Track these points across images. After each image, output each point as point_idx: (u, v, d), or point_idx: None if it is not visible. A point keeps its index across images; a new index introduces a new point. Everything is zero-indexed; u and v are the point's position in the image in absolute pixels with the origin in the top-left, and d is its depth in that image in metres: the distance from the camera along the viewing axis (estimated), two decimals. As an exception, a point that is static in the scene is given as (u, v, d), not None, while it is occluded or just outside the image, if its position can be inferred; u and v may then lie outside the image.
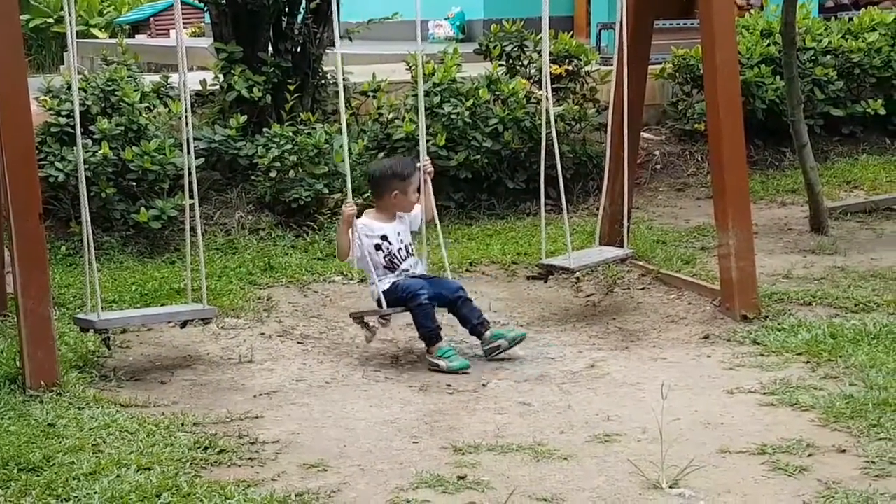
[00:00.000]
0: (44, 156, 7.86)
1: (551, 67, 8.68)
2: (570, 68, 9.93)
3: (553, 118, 6.79)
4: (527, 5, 10.62)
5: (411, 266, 6.35)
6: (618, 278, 7.49)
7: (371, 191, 6.75)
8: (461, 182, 9.12)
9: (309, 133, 8.52)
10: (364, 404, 5.53)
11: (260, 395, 5.69)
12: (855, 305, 6.76)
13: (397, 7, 9.82)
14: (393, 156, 8.46)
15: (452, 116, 8.97)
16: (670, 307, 7.02)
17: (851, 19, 11.63)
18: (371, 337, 6.24)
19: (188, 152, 6.14)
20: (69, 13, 5.67)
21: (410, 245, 6.42)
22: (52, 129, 8.08)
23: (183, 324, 6.22)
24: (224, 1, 9.12)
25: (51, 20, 21.61)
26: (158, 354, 6.32)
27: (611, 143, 7.36)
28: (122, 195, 8.10)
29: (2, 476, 4.55)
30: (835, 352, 5.93)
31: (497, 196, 9.30)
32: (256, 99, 8.92)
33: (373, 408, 5.48)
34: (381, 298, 6.15)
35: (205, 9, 11.37)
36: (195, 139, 7.88)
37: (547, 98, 6.79)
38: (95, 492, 4.39)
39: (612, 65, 7.25)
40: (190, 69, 7.19)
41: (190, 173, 6.12)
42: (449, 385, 5.81)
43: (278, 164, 8.44)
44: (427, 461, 4.75)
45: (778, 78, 10.14)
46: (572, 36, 10.49)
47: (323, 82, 9.35)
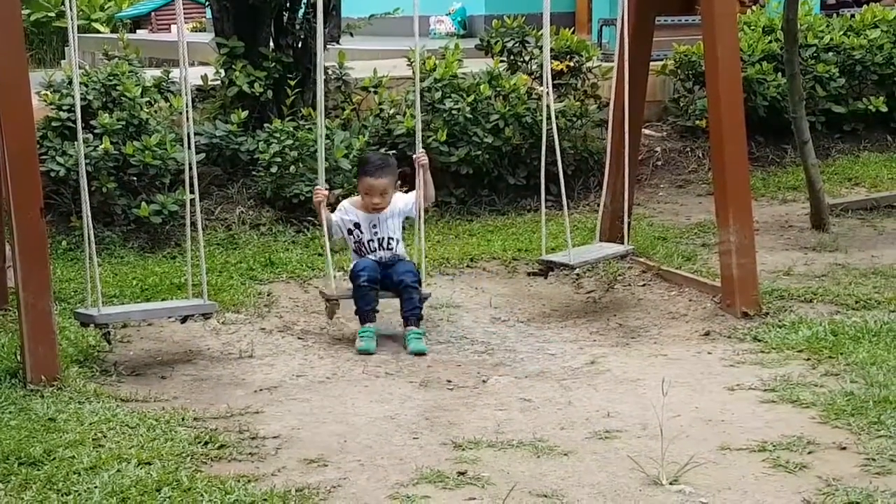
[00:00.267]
0: (45, 150, 7.87)
1: (552, 63, 8.68)
2: (572, 64, 9.94)
3: (554, 114, 6.79)
4: (528, 1, 10.60)
5: (382, 258, 6.50)
6: (618, 275, 7.49)
7: None
8: (462, 178, 9.12)
9: (310, 128, 8.51)
10: (364, 400, 5.53)
11: (260, 391, 5.69)
12: (856, 302, 6.75)
13: (398, 2, 9.82)
14: (393, 151, 8.47)
15: (453, 112, 8.97)
16: (671, 304, 7.02)
17: (853, 16, 11.62)
18: (332, 314, 6.49)
19: (189, 147, 6.13)
20: (70, 8, 5.66)
21: (390, 240, 6.54)
22: (54, 124, 8.08)
23: (183, 319, 6.22)
24: (225, -4, 9.13)
25: (52, 14, 21.61)
26: (159, 349, 6.32)
27: (612, 140, 7.36)
28: (123, 190, 8.10)
29: (2, 470, 4.55)
30: (835, 349, 5.93)
31: (498, 192, 9.30)
32: (257, 94, 8.92)
33: (373, 403, 5.48)
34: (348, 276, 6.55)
35: (206, 4, 11.39)
36: (196, 134, 7.88)
37: (548, 94, 6.78)
38: (96, 486, 4.39)
39: (614, 61, 7.25)
40: (191, 64, 7.18)
41: (191, 168, 6.11)
42: (449, 381, 5.81)
43: (279, 160, 8.44)
44: (427, 457, 4.75)
45: (779, 75, 10.14)
46: (574, 32, 10.50)
47: (324, 78, 9.33)
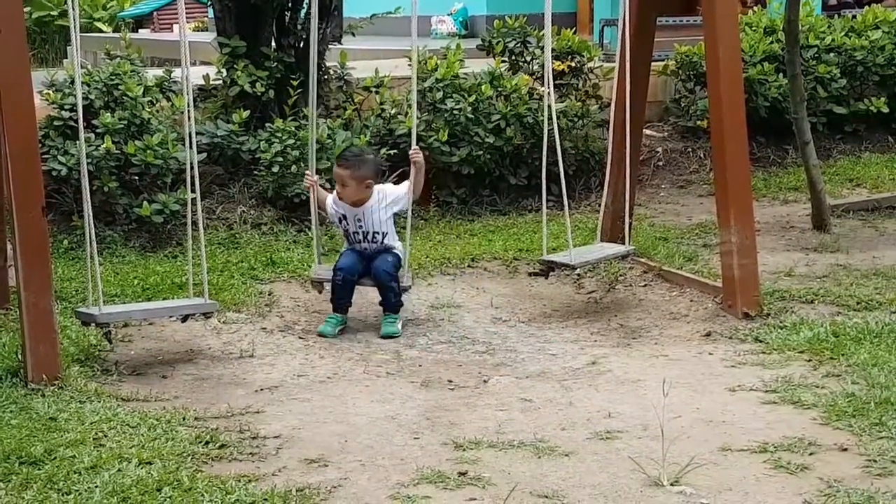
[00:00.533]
0: (47, 149, 7.87)
1: (554, 64, 8.69)
2: (573, 65, 9.94)
3: (555, 114, 6.80)
4: (530, 1, 10.59)
5: (367, 250, 6.68)
6: (619, 275, 7.49)
7: None
8: (463, 178, 9.12)
9: (311, 128, 8.50)
10: (365, 399, 5.53)
11: (261, 390, 5.69)
12: (857, 303, 6.75)
13: (399, 2, 9.81)
14: (394, 151, 8.47)
15: (455, 112, 8.97)
16: (672, 304, 7.02)
17: (855, 17, 11.62)
18: (320, 291, 6.82)
19: (191, 147, 6.13)
20: (73, 7, 5.66)
21: (376, 234, 6.68)
22: (56, 123, 8.09)
23: (184, 318, 6.22)
24: (227, -4, 9.12)
25: (54, 13, 21.63)
26: (160, 349, 6.32)
27: (613, 140, 7.35)
28: (125, 189, 8.10)
29: (3, 469, 4.55)
30: (837, 350, 5.92)
31: (499, 192, 9.30)
32: (259, 94, 8.91)
33: (374, 403, 5.48)
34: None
35: (208, 3, 11.37)
36: (198, 134, 7.89)
37: (549, 94, 6.79)
38: (96, 485, 4.39)
39: (615, 61, 7.25)
40: (193, 64, 7.19)
41: (192, 168, 6.11)
42: (450, 381, 5.81)
43: (280, 159, 8.44)
44: (428, 457, 4.75)
45: (781, 75, 10.13)
46: (575, 32, 10.50)
47: (325, 77, 9.34)
